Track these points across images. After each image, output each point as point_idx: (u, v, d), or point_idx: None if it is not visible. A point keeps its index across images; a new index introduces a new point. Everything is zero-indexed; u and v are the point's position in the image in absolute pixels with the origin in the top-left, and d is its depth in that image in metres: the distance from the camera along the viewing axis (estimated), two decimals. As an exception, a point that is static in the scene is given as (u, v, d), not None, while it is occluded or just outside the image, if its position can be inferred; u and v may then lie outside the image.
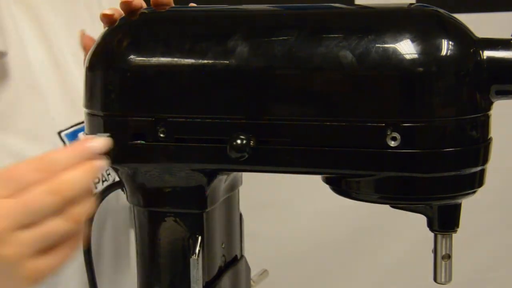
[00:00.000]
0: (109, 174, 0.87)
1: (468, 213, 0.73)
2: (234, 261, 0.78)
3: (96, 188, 0.83)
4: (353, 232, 1.73)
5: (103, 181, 0.85)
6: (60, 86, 0.87)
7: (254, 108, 0.65)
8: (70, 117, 0.86)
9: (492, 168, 0.67)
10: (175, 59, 0.66)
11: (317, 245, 1.72)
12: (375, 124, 0.62)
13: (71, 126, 0.86)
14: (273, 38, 0.65)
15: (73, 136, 0.85)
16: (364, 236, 1.73)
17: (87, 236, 0.77)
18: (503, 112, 0.79)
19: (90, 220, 0.77)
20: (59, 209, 0.56)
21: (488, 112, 0.64)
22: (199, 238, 0.70)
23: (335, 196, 0.70)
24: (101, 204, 0.75)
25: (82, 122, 0.77)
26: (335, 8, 0.69)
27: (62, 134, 0.84)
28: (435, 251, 0.68)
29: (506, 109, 0.85)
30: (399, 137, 0.61)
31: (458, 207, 0.67)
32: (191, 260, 0.70)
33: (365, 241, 1.74)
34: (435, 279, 0.69)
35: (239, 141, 0.64)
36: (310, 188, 1.23)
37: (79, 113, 0.79)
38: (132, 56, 0.67)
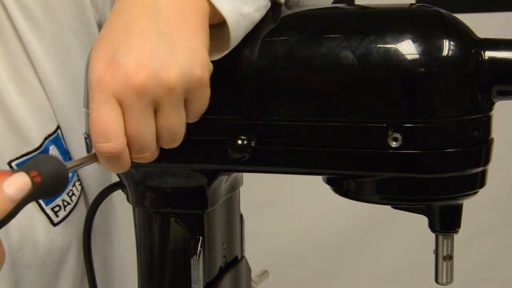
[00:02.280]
0: (72, 195, 0.82)
1: (469, 213, 0.73)
2: (234, 262, 0.78)
3: (57, 216, 0.81)
4: (353, 233, 1.73)
5: (65, 207, 0.81)
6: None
7: (255, 109, 0.65)
8: (19, 147, 0.77)
9: (493, 168, 0.67)
10: (176, 60, 0.66)
11: (318, 246, 1.72)
12: (377, 125, 0.62)
13: (21, 156, 0.77)
14: (274, 38, 0.65)
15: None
16: (364, 236, 1.73)
17: (87, 233, 0.77)
18: (504, 113, 0.79)
19: (91, 219, 0.77)
20: None
21: (490, 113, 0.64)
22: (200, 238, 0.70)
23: (335, 196, 0.70)
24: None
25: (32, 151, 0.76)
26: (336, 8, 0.69)
27: (13, 163, 0.77)
28: (436, 252, 0.68)
29: (507, 109, 0.85)
30: (401, 137, 0.61)
31: (459, 207, 0.67)
32: (192, 260, 0.70)
33: (365, 242, 1.74)
34: (436, 280, 0.69)
35: (240, 142, 0.64)
36: (311, 189, 1.23)
37: (27, 142, 0.76)
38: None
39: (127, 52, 0.57)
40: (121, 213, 0.91)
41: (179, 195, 0.70)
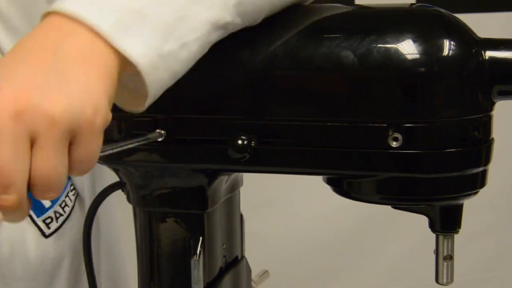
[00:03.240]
0: (65, 206, 0.82)
1: (469, 213, 0.72)
2: (234, 262, 0.78)
3: (49, 228, 0.79)
4: (354, 233, 1.73)
5: (57, 218, 0.80)
6: None
7: (255, 108, 0.65)
8: None
9: (493, 168, 0.67)
10: (176, 59, 0.66)
11: (318, 246, 1.72)
12: (377, 125, 0.62)
13: None
14: (274, 38, 0.65)
15: None
16: (365, 236, 1.73)
17: (87, 234, 0.77)
18: (504, 113, 0.79)
19: (91, 220, 0.77)
20: None
21: (490, 113, 0.64)
22: (200, 238, 0.70)
23: (335, 196, 0.70)
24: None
25: None
26: (336, 8, 0.69)
27: None
28: (436, 252, 0.68)
29: (507, 109, 0.85)
30: (401, 137, 0.61)
31: (459, 207, 0.67)
32: (192, 260, 0.70)
33: (366, 242, 1.74)
34: (437, 280, 0.69)
35: (240, 142, 0.64)
36: (311, 189, 1.23)
37: None
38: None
39: (12, 78, 0.50)
40: (121, 213, 0.91)
41: (179, 195, 0.70)
